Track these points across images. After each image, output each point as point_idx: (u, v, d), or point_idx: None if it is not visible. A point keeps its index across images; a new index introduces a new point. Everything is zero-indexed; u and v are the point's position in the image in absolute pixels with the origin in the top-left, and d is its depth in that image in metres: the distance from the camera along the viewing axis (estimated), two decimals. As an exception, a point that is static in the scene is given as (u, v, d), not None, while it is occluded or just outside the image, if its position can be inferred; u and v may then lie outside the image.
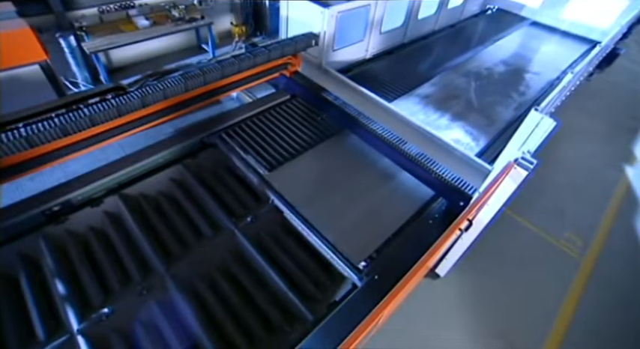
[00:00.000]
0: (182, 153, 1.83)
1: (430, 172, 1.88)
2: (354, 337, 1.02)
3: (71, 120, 1.45)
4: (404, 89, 2.81)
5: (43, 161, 1.52)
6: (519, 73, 3.21)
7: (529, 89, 2.99)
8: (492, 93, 2.85)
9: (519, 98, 2.84)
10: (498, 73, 3.18)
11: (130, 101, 1.55)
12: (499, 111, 2.65)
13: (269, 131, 2.05)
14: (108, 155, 1.71)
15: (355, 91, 2.38)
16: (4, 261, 1.28)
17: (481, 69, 3.23)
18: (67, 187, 1.53)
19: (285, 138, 2.02)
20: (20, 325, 1.12)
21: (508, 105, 2.73)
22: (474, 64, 3.29)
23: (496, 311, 2.18)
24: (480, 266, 2.35)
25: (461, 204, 1.72)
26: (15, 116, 1.42)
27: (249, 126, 2.05)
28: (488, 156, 2.11)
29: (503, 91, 2.90)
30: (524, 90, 2.97)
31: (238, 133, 1.99)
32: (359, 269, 1.40)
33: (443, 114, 2.54)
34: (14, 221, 1.38)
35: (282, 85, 2.44)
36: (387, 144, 2.02)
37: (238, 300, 1.32)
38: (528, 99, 2.85)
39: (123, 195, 1.60)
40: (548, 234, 2.76)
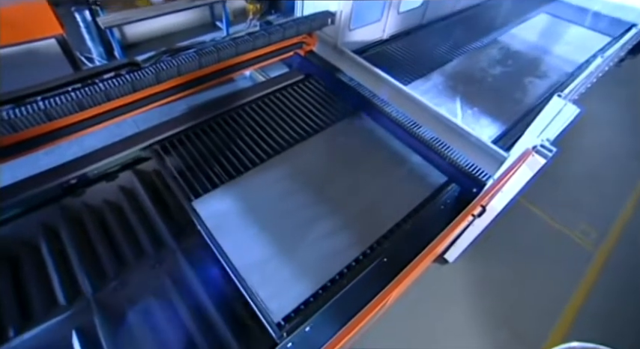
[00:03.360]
0: (197, 131, 1.83)
1: (444, 157, 1.85)
2: (362, 317, 1.04)
3: (87, 94, 1.47)
4: (420, 72, 2.72)
5: (61, 135, 1.54)
6: (547, 59, 3.03)
7: (556, 75, 2.81)
8: (516, 81, 2.69)
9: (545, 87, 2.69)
10: (523, 57, 3.00)
11: (144, 77, 1.55)
12: (522, 99, 2.52)
13: (283, 110, 2.03)
14: (123, 130, 1.73)
15: (370, 73, 2.33)
16: (26, 229, 1.34)
17: (504, 52, 3.07)
18: (84, 161, 1.56)
19: (297, 118, 2.01)
20: (43, 289, 1.18)
21: (534, 95, 2.57)
22: (496, 47, 3.14)
23: (502, 299, 2.17)
24: (489, 254, 2.34)
25: (474, 191, 1.70)
26: (33, 89, 1.44)
27: (262, 105, 2.04)
28: (504, 144, 2.07)
29: (528, 78, 2.73)
30: (552, 76, 2.80)
31: (255, 110, 1.98)
32: (279, 325, 1.19)
33: (456, 100, 2.46)
34: (34, 192, 1.43)
35: (295, 65, 2.40)
36: (400, 128, 1.99)
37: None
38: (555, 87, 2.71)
39: (137, 170, 1.63)
40: (561, 224, 2.70)
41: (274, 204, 1.58)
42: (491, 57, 3.00)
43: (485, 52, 3.07)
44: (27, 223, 1.36)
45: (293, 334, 1.16)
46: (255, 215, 1.51)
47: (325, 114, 2.07)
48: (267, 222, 1.50)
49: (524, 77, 2.75)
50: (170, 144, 1.72)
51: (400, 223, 1.55)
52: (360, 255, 1.43)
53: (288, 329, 1.17)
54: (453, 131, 1.99)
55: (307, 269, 1.36)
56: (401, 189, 1.75)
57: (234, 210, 1.51)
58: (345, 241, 1.48)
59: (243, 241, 1.41)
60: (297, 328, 1.17)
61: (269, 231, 1.47)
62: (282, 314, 1.22)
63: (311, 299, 1.29)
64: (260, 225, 1.48)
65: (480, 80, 2.68)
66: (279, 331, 1.16)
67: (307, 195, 1.64)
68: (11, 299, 1.14)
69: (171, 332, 1.18)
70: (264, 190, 1.62)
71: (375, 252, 1.39)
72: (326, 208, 1.59)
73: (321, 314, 1.21)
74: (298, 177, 1.70)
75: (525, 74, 2.79)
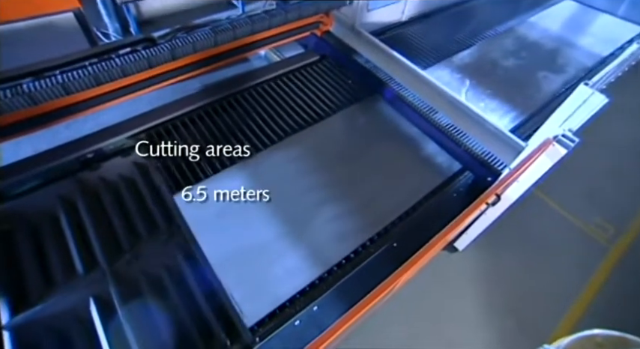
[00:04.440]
0: (209, 110, 1.83)
1: (459, 145, 1.81)
2: (370, 299, 1.05)
3: (104, 69, 1.48)
4: (439, 56, 2.63)
5: (77, 109, 1.57)
6: (566, 52, 2.85)
7: (573, 70, 2.65)
8: (529, 75, 2.54)
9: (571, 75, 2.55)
10: (540, 49, 2.83)
11: (160, 53, 1.55)
12: (533, 94, 2.38)
13: (297, 91, 2.01)
14: (137, 107, 1.74)
15: (387, 56, 2.27)
16: (45, 200, 1.38)
17: (520, 41, 2.89)
18: (100, 136, 1.59)
19: (311, 100, 1.99)
20: (63, 259, 1.23)
21: (548, 91, 2.42)
22: (513, 35, 2.97)
23: (511, 289, 2.17)
24: (499, 244, 2.31)
25: (488, 180, 1.67)
26: (52, 63, 1.46)
27: (276, 85, 2.02)
28: (522, 133, 2.01)
29: (542, 73, 2.58)
30: (569, 70, 2.64)
31: (268, 91, 1.96)
32: (252, 329, 1.15)
33: (476, 87, 2.38)
34: (53, 165, 1.47)
35: (311, 45, 2.36)
36: (416, 112, 1.95)
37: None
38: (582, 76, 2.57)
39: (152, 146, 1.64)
40: (577, 218, 2.64)
41: (284, 186, 1.58)
42: (506, 46, 2.83)
43: (501, 40, 2.89)
44: (46, 195, 1.40)
45: (301, 312, 1.19)
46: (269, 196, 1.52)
47: (339, 97, 2.04)
48: (276, 202, 1.51)
49: (539, 71, 2.59)
50: (182, 124, 1.73)
51: (411, 209, 1.54)
52: (367, 241, 1.44)
53: (297, 309, 1.20)
54: (469, 118, 1.94)
55: (315, 251, 1.38)
56: (413, 174, 1.73)
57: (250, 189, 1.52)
58: (353, 225, 1.48)
59: (252, 219, 1.43)
60: (305, 308, 1.20)
61: (278, 211, 1.48)
62: (288, 295, 1.25)
63: (317, 281, 1.30)
64: (270, 205, 1.49)
65: (492, 72, 2.54)
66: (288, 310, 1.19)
67: (317, 177, 1.64)
68: (34, 267, 1.20)
69: (181, 305, 1.22)
70: (276, 171, 1.63)
71: (385, 237, 1.40)
72: (336, 192, 1.59)
73: (328, 295, 1.23)
74: (309, 160, 1.70)
75: (540, 68, 2.62)
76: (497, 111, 2.22)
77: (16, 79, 1.35)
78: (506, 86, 2.40)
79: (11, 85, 1.32)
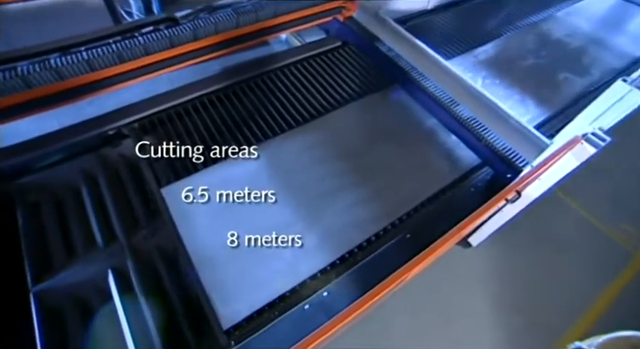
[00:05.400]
0: (228, 93, 1.84)
1: (480, 139, 1.76)
2: (380, 289, 1.05)
3: (127, 47, 1.50)
4: (464, 47, 2.54)
5: (100, 86, 1.60)
6: (593, 51, 2.63)
7: (598, 72, 2.44)
8: (549, 75, 2.36)
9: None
10: (565, 46, 2.63)
11: (182, 33, 1.55)
12: (550, 97, 2.21)
13: (317, 77, 1.98)
14: (157, 87, 1.75)
15: (411, 44, 2.20)
16: (69, 173, 1.43)
17: (543, 38, 2.69)
18: (121, 114, 1.62)
19: (330, 87, 1.96)
20: (84, 231, 1.28)
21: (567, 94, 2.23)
22: (538, 30, 2.78)
23: (523, 288, 2.13)
24: (515, 243, 2.27)
25: (508, 176, 1.62)
26: (77, 40, 1.48)
27: (296, 70, 1.99)
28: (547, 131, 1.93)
29: (563, 74, 2.38)
30: (594, 73, 2.44)
31: (287, 75, 1.94)
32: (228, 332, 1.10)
33: (500, 81, 2.28)
34: (77, 140, 1.50)
35: (333, 31, 2.31)
36: (437, 104, 1.90)
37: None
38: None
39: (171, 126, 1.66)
40: (600, 221, 2.55)
41: (298, 172, 1.58)
42: (528, 42, 2.63)
43: (524, 35, 2.71)
44: (70, 168, 1.44)
45: (310, 298, 1.20)
46: (282, 180, 1.53)
47: (360, 85, 2.00)
48: (291, 187, 1.51)
49: (560, 72, 2.39)
50: (201, 104, 1.74)
51: (427, 201, 1.52)
52: (381, 230, 1.43)
53: (306, 295, 1.22)
54: (492, 112, 1.87)
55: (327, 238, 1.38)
56: (431, 166, 1.70)
57: (263, 173, 1.54)
58: (367, 214, 1.47)
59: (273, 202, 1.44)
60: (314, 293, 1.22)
61: (292, 197, 1.49)
62: (300, 279, 1.26)
63: (328, 268, 1.30)
64: (285, 191, 1.49)
65: (509, 70, 2.36)
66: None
67: (332, 165, 1.62)
68: (58, 238, 1.25)
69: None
70: (291, 157, 1.63)
71: (399, 228, 1.38)
72: (351, 180, 1.58)
73: (338, 282, 1.24)
74: (324, 147, 1.68)
75: (562, 68, 2.42)
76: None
77: (44, 54, 1.39)
78: (522, 86, 2.26)
79: (40, 60, 1.36)
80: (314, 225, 1.41)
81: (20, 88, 1.33)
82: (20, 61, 1.34)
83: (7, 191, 1.28)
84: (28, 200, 1.30)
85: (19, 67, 1.32)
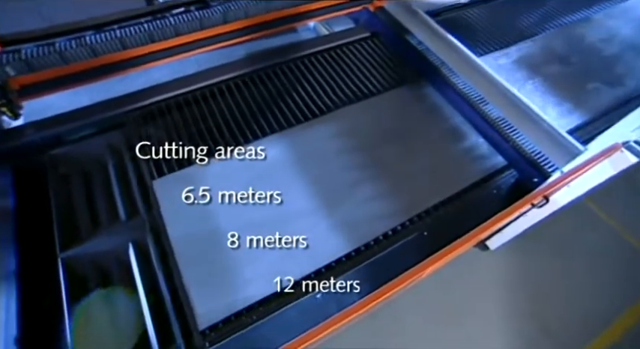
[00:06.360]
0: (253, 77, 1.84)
1: (507, 140, 1.69)
2: (395, 284, 1.04)
3: (158, 27, 1.52)
4: (497, 44, 2.43)
5: (131, 65, 1.63)
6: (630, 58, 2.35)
7: (634, 83, 2.14)
8: (576, 84, 2.15)
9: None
10: (599, 52, 2.40)
11: (212, 15, 1.56)
12: (592, 103, 2.01)
13: (343, 67, 1.96)
14: (185, 68, 1.78)
15: (442, 38, 2.14)
16: (96, 148, 1.47)
17: (574, 43, 2.47)
18: (149, 93, 1.65)
19: (356, 78, 1.93)
20: (109, 204, 1.33)
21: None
22: (585, 28, 2.60)
23: (540, 297, 2.06)
24: (535, 250, 2.19)
25: (535, 181, 1.56)
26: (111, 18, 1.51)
27: (322, 59, 1.97)
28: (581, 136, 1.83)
29: (592, 84, 2.15)
30: (628, 84, 2.14)
31: (313, 64, 1.92)
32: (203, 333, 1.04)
33: (533, 82, 2.16)
34: (105, 116, 1.55)
35: (362, 21, 2.27)
36: (465, 101, 1.84)
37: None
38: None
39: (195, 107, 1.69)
40: (631, 234, 2.43)
41: (318, 161, 1.57)
42: (557, 46, 2.40)
43: (552, 39, 2.49)
44: (98, 143, 1.49)
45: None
46: (302, 169, 1.53)
47: (386, 77, 1.96)
48: (310, 176, 1.51)
49: (589, 81, 2.16)
50: (227, 88, 1.75)
51: (447, 200, 1.48)
52: (398, 226, 1.41)
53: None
54: (523, 113, 1.80)
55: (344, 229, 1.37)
56: (454, 165, 1.65)
57: (285, 159, 1.55)
58: (385, 208, 1.45)
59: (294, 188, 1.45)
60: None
61: (311, 186, 1.49)
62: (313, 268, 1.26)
63: (343, 259, 1.30)
64: (306, 179, 1.50)
65: (534, 77, 2.18)
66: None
67: (353, 157, 1.61)
68: (84, 209, 1.30)
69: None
70: (312, 146, 1.62)
71: (417, 225, 1.36)
72: (371, 173, 1.56)
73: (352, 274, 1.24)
74: (347, 138, 1.67)
75: (591, 76, 2.19)
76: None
77: (80, 31, 1.42)
78: (554, 89, 2.11)
79: (76, 37, 1.40)
80: (331, 214, 1.40)
81: (57, 63, 1.38)
82: (58, 37, 1.39)
83: (40, 161, 1.34)
84: (59, 171, 1.36)
85: (57, 43, 1.37)
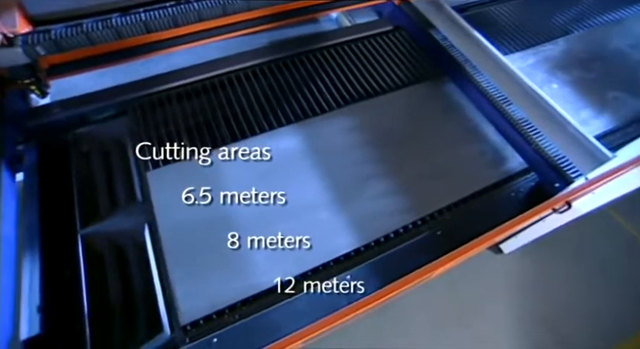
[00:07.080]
0: (272, 66, 1.83)
1: (530, 142, 1.64)
2: (405, 281, 1.03)
3: (182, 12, 1.53)
4: (524, 43, 2.34)
5: (153, 48, 1.65)
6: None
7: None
8: (597, 92, 1.98)
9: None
10: (622, 59, 2.19)
11: (236, 1, 1.56)
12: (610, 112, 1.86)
13: (364, 60, 1.93)
14: (207, 53, 1.78)
15: (467, 35, 2.06)
16: (115, 129, 1.50)
17: (619, 41, 2.26)
18: (170, 77, 1.66)
19: (376, 72, 1.90)
20: (126, 185, 1.36)
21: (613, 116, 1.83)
22: (610, 32, 2.43)
23: (552, 303, 2.02)
24: (551, 256, 2.14)
25: (556, 186, 1.51)
26: (137, 1, 1.53)
27: (342, 51, 1.95)
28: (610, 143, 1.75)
29: (613, 93, 1.98)
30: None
31: (334, 56, 1.90)
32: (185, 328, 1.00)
33: (560, 81, 2.06)
34: (125, 98, 1.57)
35: (386, 13, 2.22)
36: (487, 101, 1.79)
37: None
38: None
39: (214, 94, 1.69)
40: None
41: (332, 154, 1.56)
42: (590, 47, 2.22)
43: (575, 43, 2.34)
44: (119, 125, 1.52)
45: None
46: (317, 160, 1.52)
47: (407, 73, 1.92)
48: (323, 168, 1.51)
49: (622, 86, 1.99)
50: (244, 76, 1.74)
51: (463, 200, 1.46)
52: (410, 224, 1.39)
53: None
54: (548, 116, 1.73)
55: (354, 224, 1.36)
56: (472, 165, 1.61)
57: (300, 150, 1.54)
58: (398, 205, 1.43)
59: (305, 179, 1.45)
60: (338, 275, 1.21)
61: (324, 178, 1.48)
62: (322, 260, 1.26)
63: (352, 253, 1.29)
64: (319, 171, 1.49)
65: (575, 71, 2.04)
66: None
67: (367, 152, 1.59)
68: (104, 188, 1.34)
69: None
70: (329, 138, 1.61)
71: (431, 223, 1.34)
72: (386, 169, 1.54)
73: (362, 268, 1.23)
74: (363, 132, 1.64)
75: (624, 82, 2.02)
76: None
77: (107, 12, 1.44)
78: (575, 97, 1.98)
79: (103, 19, 1.42)
80: (342, 208, 1.40)
81: (84, 44, 1.40)
82: (86, 18, 1.41)
83: (64, 140, 1.38)
84: (81, 150, 1.39)
85: (84, 23, 1.39)
